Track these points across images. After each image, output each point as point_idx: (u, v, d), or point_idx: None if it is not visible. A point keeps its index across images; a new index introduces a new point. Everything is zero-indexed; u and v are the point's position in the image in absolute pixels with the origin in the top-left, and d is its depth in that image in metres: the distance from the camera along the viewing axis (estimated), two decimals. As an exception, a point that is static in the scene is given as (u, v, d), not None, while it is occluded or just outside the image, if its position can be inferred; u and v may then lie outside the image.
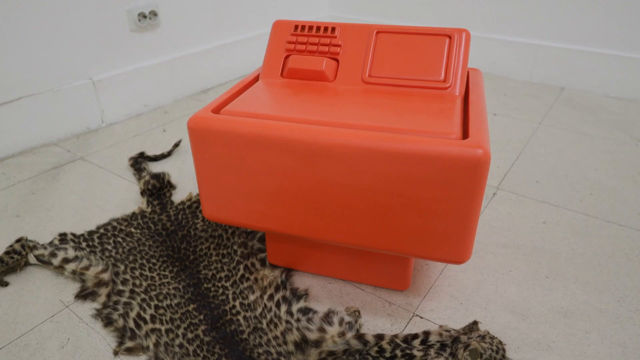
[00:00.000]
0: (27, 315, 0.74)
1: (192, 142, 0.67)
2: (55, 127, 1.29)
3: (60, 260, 0.82)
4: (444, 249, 0.63)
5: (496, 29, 1.78)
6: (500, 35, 1.78)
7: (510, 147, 1.27)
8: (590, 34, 1.60)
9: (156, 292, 0.77)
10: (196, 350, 0.67)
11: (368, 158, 0.60)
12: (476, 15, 1.81)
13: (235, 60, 1.75)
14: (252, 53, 1.80)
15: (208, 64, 1.65)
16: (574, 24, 1.62)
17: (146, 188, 1.02)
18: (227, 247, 0.87)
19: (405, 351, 0.66)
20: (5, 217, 0.98)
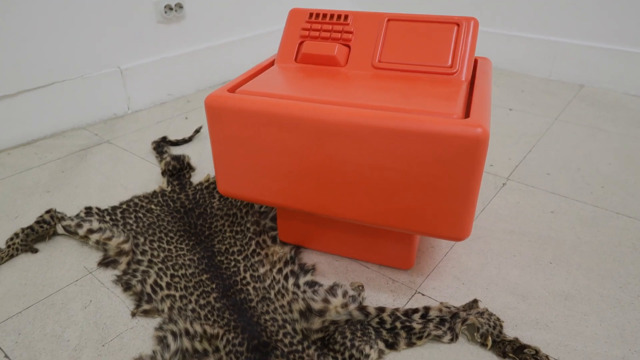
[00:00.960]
0: (54, 278, 0.80)
1: (209, 119, 0.72)
2: (84, 112, 1.36)
3: (85, 230, 0.87)
4: (444, 225, 0.66)
5: (515, 26, 1.78)
6: (520, 32, 1.78)
7: (523, 141, 1.27)
8: (611, 31, 1.59)
9: (172, 263, 0.82)
10: (207, 315, 0.72)
11: (372, 136, 0.63)
12: (495, 12, 1.82)
13: (257, 53, 1.80)
14: (274, 46, 1.85)
15: (230, 56, 1.70)
16: (594, 21, 1.61)
17: (167, 169, 1.07)
18: (240, 224, 0.91)
19: (405, 323, 0.69)
20: (37, 193, 1.05)
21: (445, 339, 0.68)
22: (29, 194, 1.04)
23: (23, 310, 0.73)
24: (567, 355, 0.66)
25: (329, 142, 0.66)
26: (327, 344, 0.67)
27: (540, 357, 0.64)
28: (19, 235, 0.86)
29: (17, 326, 0.71)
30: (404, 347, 0.68)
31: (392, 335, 0.68)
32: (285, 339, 0.67)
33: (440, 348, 0.67)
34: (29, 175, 1.12)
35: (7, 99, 1.20)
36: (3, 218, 0.96)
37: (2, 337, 0.69)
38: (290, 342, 0.67)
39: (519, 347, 0.65)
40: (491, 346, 0.67)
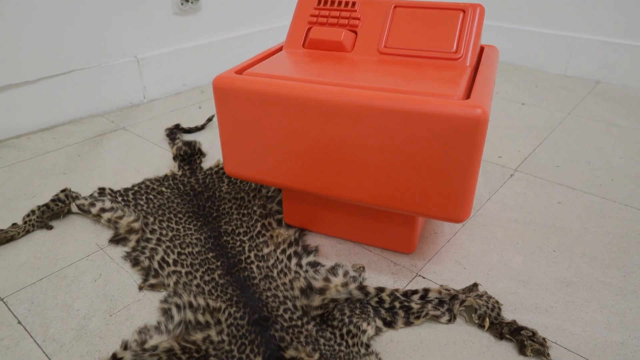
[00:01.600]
0: (66, 253, 0.83)
1: (217, 100, 0.74)
2: (102, 99, 1.40)
3: (98, 209, 0.90)
4: (444, 206, 0.67)
5: (531, 21, 1.77)
6: (535, 27, 1.77)
7: (534, 134, 1.27)
8: (629, 27, 1.57)
9: (180, 241, 0.84)
10: (211, 290, 0.74)
11: (374, 116, 0.65)
12: (510, 7, 1.80)
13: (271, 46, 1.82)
14: (288, 40, 1.86)
15: (244, 49, 1.73)
16: (611, 16, 1.59)
17: (178, 153, 1.10)
18: (247, 207, 0.93)
19: (404, 303, 0.70)
20: (54, 174, 1.09)
21: (443, 319, 0.69)
22: (46, 176, 1.08)
23: (37, 282, 0.77)
24: (565, 339, 0.66)
25: (332, 123, 0.68)
26: (325, 320, 0.68)
27: (537, 339, 0.64)
28: (35, 212, 0.90)
29: (30, 296, 0.74)
30: (402, 326, 0.69)
31: (391, 314, 0.69)
32: (285, 314, 0.69)
33: (438, 328, 0.68)
34: (47, 158, 1.16)
35: (28, 85, 1.25)
36: (21, 197, 1.00)
37: (16, 305, 0.72)
38: (290, 318, 0.68)
39: (516, 329, 0.66)
40: (488, 327, 0.68)
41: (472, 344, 0.65)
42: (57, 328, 0.68)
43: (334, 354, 0.63)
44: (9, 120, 1.24)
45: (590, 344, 0.65)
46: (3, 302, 0.73)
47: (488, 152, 1.17)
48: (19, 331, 0.68)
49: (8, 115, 1.24)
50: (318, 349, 0.63)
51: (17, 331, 0.68)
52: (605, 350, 0.64)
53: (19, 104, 1.25)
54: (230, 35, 1.67)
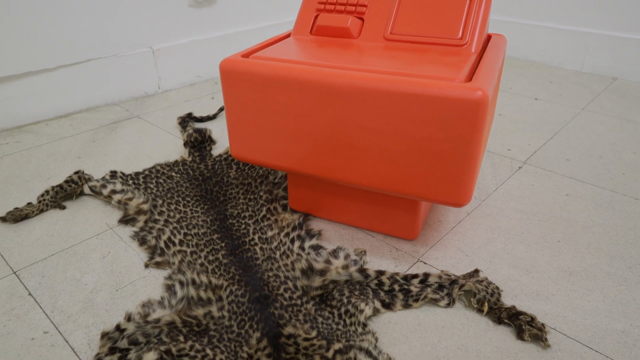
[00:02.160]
0: (77, 232, 0.86)
1: (223, 83, 0.76)
2: (118, 89, 1.44)
3: (109, 191, 0.93)
4: (444, 190, 0.67)
5: (547, 17, 1.75)
6: (551, 23, 1.75)
7: (546, 129, 1.26)
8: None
9: (186, 223, 0.86)
10: (214, 269, 0.75)
11: (375, 99, 0.65)
12: (527, 2, 1.78)
13: (285, 40, 1.83)
14: (302, 34, 1.88)
15: (259, 42, 1.74)
16: (630, 12, 1.56)
17: (189, 140, 1.12)
18: (254, 193, 0.95)
19: (403, 287, 0.71)
20: (69, 158, 1.12)
21: (442, 303, 0.69)
22: (61, 160, 1.11)
23: (48, 257, 0.79)
24: (565, 325, 0.66)
25: (334, 105, 0.68)
26: (325, 300, 0.69)
27: (535, 324, 0.64)
28: (49, 193, 0.93)
29: (41, 270, 0.76)
30: (400, 308, 0.69)
31: (390, 296, 0.70)
32: (285, 294, 0.70)
33: (437, 311, 0.69)
34: (63, 143, 1.19)
35: (47, 72, 1.28)
36: (37, 179, 1.03)
37: (27, 278, 0.75)
38: (290, 297, 0.69)
39: (514, 314, 0.66)
40: (487, 312, 0.68)
41: (470, 328, 0.66)
42: (65, 300, 0.70)
43: (331, 332, 0.64)
44: (28, 107, 1.28)
45: (591, 331, 0.65)
46: (16, 275, 0.75)
47: (497, 144, 1.17)
48: (29, 302, 0.70)
49: (27, 102, 1.27)
50: (316, 327, 0.64)
51: (27, 302, 0.70)
52: (605, 338, 0.64)
53: (38, 91, 1.28)
54: (245, 28, 1.69)
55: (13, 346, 0.63)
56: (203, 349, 0.60)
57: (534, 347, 0.62)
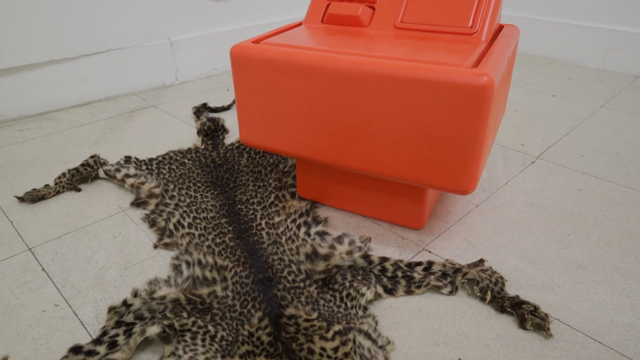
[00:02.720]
0: (91, 213, 0.88)
1: (233, 69, 0.77)
2: (136, 79, 1.47)
3: (122, 175, 0.95)
4: (449, 177, 0.67)
5: (567, 13, 1.72)
6: (571, 19, 1.71)
7: (562, 125, 1.24)
8: (672, 19, 1.50)
9: (196, 207, 0.88)
10: (221, 251, 0.77)
11: (382, 84, 0.66)
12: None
13: (301, 35, 1.84)
14: (318, 29, 1.89)
15: (275, 36, 1.76)
16: (654, 7, 1.53)
17: (202, 128, 1.14)
18: (263, 180, 0.96)
19: (406, 273, 0.71)
20: (87, 144, 1.15)
21: (445, 290, 0.69)
22: (79, 145, 1.14)
23: (62, 236, 0.82)
24: (569, 317, 0.65)
25: (341, 91, 0.69)
26: (327, 284, 0.69)
27: (538, 314, 0.63)
28: (66, 175, 0.96)
29: (55, 247, 0.79)
30: (402, 294, 0.69)
31: (392, 282, 0.70)
32: (289, 277, 0.71)
33: (439, 298, 0.69)
34: (81, 130, 1.22)
35: (68, 61, 1.32)
36: (55, 162, 1.06)
37: (42, 255, 0.77)
38: (293, 280, 0.70)
39: (517, 303, 0.65)
40: (490, 301, 0.67)
41: (472, 315, 0.65)
42: (76, 276, 0.73)
43: (332, 314, 0.64)
44: (50, 95, 1.32)
45: (595, 323, 0.64)
46: (31, 252, 0.78)
47: (510, 139, 1.16)
48: (42, 277, 0.73)
49: (50, 89, 1.31)
50: (317, 309, 0.65)
51: (40, 277, 0.73)
52: (611, 331, 0.63)
53: (60, 80, 1.32)
54: (263, 22, 1.71)
55: (25, 317, 0.65)
56: (205, 325, 0.62)
57: (536, 337, 0.62)
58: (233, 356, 0.58)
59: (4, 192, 0.95)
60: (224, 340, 0.61)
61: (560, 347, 0.60)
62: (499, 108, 0.76)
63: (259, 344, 0.60)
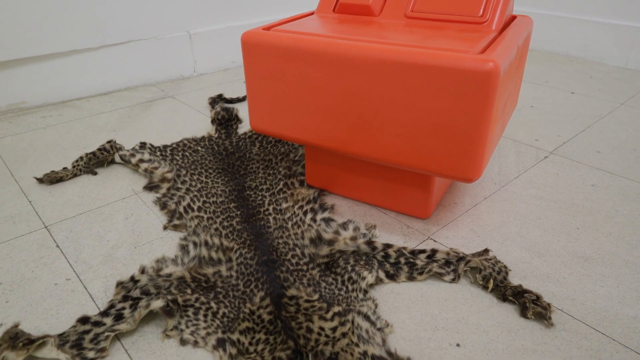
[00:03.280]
0: (105, 195, 0.91)
1: (244, 55, 0.78)
2: (155, 70, 1.50)
3: (137, 160, 0.98)
4: (454, 164, 0.67)
5: (590, 10, 1.68)
6: (594, 16, 1.68)
7: (579, 121, 1.22)
8: (700, 15, 1.46)
9: (206, 192, 0.89)
10: (228, 234, 0.78)
11: (389, 70, 0.66)
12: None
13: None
14: (336, 24, 1.89)
15: (293, 30, 1.77)
16: (681, 4, 1.48)
17: (216, 117, 1.16)
18: (273, 168, 0.97)
19: (409, 260, 0.71)
20: (105, 131, 1.18)
21: (447, 278, 0.69)
22: (98, 132, 1.18)
23: (77, 215, 0.85)
24: (573, 308, 0.64)
25: (349, 77, 0.70)
26: (330, 268, 0.70)
27: (540, 303, 0.63)
28: (83, 159, 0.99)
29: (70, 226, 0.82)
30: (404, 280, 0.69)
31: (395, 268, 0.70)
32: (292, 259, 0.72)
33: (441, 285, 0.69)
34: (101, 117, 1.26)
35: (91, 52, 1.36)
36: (74, 147, 1.10)
37: (57, 233, 0.80)
38: (296, 263, 0.71)
39: (520, 292, 0.65)
40: (492, 289, 0.67)
41: (473, 303, 0.65)
42: (88, 253, 0.75)
43: (333, 296, 0.65)
44: (72, 84, 1.36)
45: (600, 315, 0.63)
46: (47, 229, 0.81)
47: (524, 134, 1.14)
48: (56, 253, 0.75)
49: (72, 78, 1.35)
50: (318, 291, 0.66)
51: (54, 253, 0.75)
52: (615, 323, 0.62)
53: (82, 69, 1.36)
54: (281, 16, 1.72)
55: (38, 289, 0.68)
56: (208, 302, 0.63)
57: (537, 326, 0.61)
58: (233, 332, 0.59)
59: (25, 174, 0.98)
60: (225, 317, 0.62)
61: (562, 337, 0.60)
62: (508, 98, 0.76)
63: (259, 322, 0.61)
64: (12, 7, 1.20)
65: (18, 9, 1.20)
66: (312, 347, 0.57)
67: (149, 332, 0.61)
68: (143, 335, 0.61)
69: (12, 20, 1.21)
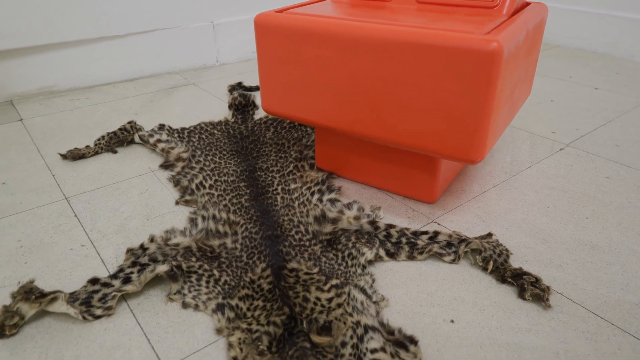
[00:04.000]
0: (123, 172, 0.95)
1: (257, 37, 0.80)
2: (179, 59, 1.54)
3: (155, 140, 1.02)
4: (457, 145, 0.68)
5: (618, 5, 1.64)
6: (624, 12, 1.64)
7: (600, 116, 1.19)
8: None
9: (219, 172, 0.92)
10: (236, 210, 0.81)
11: (396, 50, 0.67)
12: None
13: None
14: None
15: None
16: None
17: (233, 103, 1.19)
18: (285, 152, 0.99)
19: (411, 240, 0.72)
20: (128, 114, 1.23)
21: (447, 258, 0.69)
22: (121, 114, 1.22)
23: (95, 189, 0.89)
24: (573, 292, 0.64)
25: (356, 57, 0.71)
26: (331, 244, 0.72)
27: (539, 286, 0.63)
28: (105, 138, 1.03)
29: (88, 198, 0.86)
30: (404, 259, 0.70)
31: (396, 247, 0.71)
32: (296, 235, 0.74)
33: (440, 266, 0.69)
34: (125, 102, 1.31)
35: (118, 39, 1.41)
36: (98, 128, 1.14)
37: (76, 204, 0.84)
38: (299, 239, 0.73)
39: (519, 274, 0.65)
40: (492, 271, 0.67)
41: (471, 283, 0.66)
42: (103, 223, 0.79)
43: (332, 270, 0.67)
44: (100, 70, 1.42)
45: (600, 300, 0.62)
46: (67, 201, 0.85)
47: (541, 127, 1.13)
48: (74, 221, 0.79)
49: (100, 65, 1.41)
50: (318, 265, 0.67)
51: (72, 221, 0.79)
52: (616, 308, 0.61)
53: (110, 56, 1.42)
54: (302, 8, 1.75)
55: (54, 253, 0.72)
56: (210, 270, 0.66)
57: (534, 307, 0.61)
58: (232, 298, 0.62)
59: (51, 151, 1.03)
60: (226, 285, 0.64)
61: (558, 318, 0.59)
62: (517, 83, 0.76)
63: (259, 290, 0.63)
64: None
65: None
66: (307, 315, 0.58)
67: (153, 295, 0.64)
68: (148, 297, 0.63)
69: (46, 7, 1.27)
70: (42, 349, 0.56)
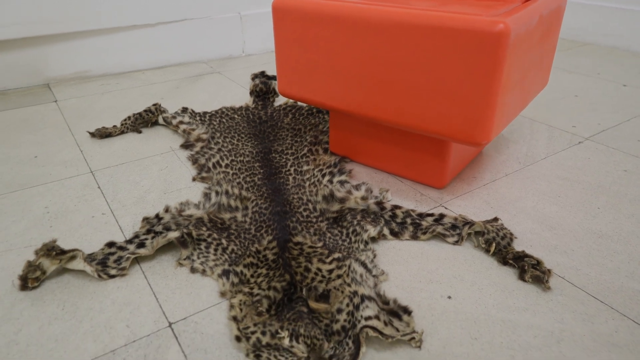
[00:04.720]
0: (146, 150, 0.99)
1: (274, 21, 0.83)
2: (206, 48, 1.59)
3: (177, 121, 1.06)
4: (463, 127, 0.68)
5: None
6: (659, 7, 1.58)
7: (624, 112, 1.17)
8: None
9: (235, 153, 0.95)
10: (249, 187, 0.84)
11: (406, 32, 0.68)
12: (634, -14, 1.64)
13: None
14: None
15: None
16: None
17: (254, 89, 1.23)
18: (301, 137, 1.02)
19: (415, 221, 0.73)
20: (155, 98, 1.28)
21: (450, 239, 0.70)
22: (149, 98, 1.28)
23: (119, 165, 0.94)
24: (576, 277, 0.64)
25: (369, 40, 0.73)
26: (337, 221, 0.74)
27: (540, 268, 0.63)
28: (130, 118, 1.08)
29: (112, 172, 0.91)
30: (407, 238, 0.71)
31: (400, 227, 0.73)
32: (304, 212, 0.76)
33: (443, 246, 0.70)
34: (153, 87, 1.36)
35: (148, 28, 1.47)
36: (126, 111, 1.20)
37: (100, 177, 0.89)
38: (307, 215, 0.75)
39: (520, 256, 0.65)
40: (494, 253, 0.68)
41: (472, 264, 0.66)
42: (124, 195, 0.83)
43: (336, 245, 0.69)
44: (131, 57, 1.48)
45: (602, 285, 0.62)
46: (92, 174, 0.90)
47: (562, 121, 1.11)
48: (97, 192, 0.84)
49: (131, 52, 1.47)
50: (323, 240, 0.69)
51: (95, 192, 0.84)
52: (617, 294, 0.61)
53: (140, 44, 1.48)
54: (329, 2, 1.77)
55: (77, 219, 0.77)
56: (219, 239, 0.69)
57: (534, 288, 0.62)
58: (238, 265, 0.64)
59: (81, 129, 1.09)
60: (233, 253, 0.67)
61: (556, 300, 0.60)
62: (530, 68, 0.76)
63: (264, 260, 0.65)
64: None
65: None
66: (307, 284, 0.60)
67: (164, 260, 0.67)
68: (160, 262, 0.67)
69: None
70: (59, 302, 0.60)
